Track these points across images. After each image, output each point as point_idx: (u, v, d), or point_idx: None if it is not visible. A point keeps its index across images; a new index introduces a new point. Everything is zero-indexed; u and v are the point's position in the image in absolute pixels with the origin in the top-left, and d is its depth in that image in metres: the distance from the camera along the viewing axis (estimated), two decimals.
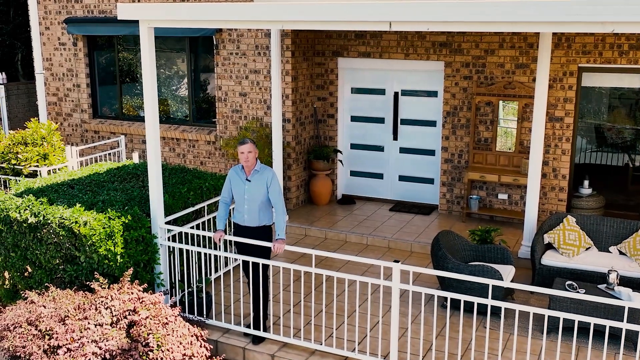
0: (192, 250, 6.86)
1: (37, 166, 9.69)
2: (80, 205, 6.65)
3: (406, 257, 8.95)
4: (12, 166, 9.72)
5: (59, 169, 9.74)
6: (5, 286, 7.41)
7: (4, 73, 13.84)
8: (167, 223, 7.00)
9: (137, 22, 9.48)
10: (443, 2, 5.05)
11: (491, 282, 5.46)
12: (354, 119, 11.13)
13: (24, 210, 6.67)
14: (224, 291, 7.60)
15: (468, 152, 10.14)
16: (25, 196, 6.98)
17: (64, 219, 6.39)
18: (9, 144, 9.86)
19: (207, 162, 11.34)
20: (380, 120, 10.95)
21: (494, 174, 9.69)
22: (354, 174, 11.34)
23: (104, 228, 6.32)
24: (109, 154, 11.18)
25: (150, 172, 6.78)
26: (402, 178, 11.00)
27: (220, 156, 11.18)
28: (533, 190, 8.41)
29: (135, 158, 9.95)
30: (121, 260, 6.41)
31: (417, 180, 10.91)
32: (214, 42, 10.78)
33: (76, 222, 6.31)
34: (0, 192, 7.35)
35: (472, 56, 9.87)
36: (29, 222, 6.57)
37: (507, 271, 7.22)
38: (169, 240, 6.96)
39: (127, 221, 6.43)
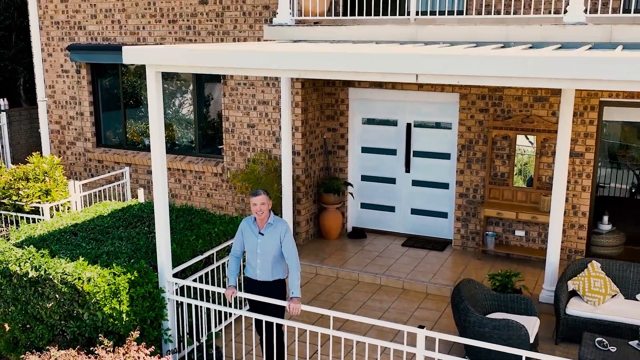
0: (201, 306, 6.50)
1: (39, 202, 9.35)
2: (83, 258, 6.31)
3: (422, 300, 8.59)
4: (13, 202, 9.38)
5: (61, 205, 9.40)
6: (5, 337, 7.06)
7: (5, 99, 13.53)
8: (175, 275, 6.65)
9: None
10: (475, 56, 4.72)
11: (523, 353, 5.10)
12: (365, 150, 10.79)
13: (24, 262, 6.34)
14: (235, 341, 7.24)
15: (484, 186, 9.79)
16: (26, 247, 6.64)
17: (66, 274, 6.05)
18: (10, 179, 9.52)
19: (214, 194, 11.00)
20: (392, 152, 10.61)
21: (512, 211, 9.34)
22: (364, 206, 11.00)
23: (108, 285, 5.98)
24: (114, 186, 10.84)
25: (158, 228, 6.43)
26: (414, 211, 10.65)
27: (227, 188, 10.84)
28: (555, 230, 8.05)
29: (141, 195, 9.61)
30: (127, 318, 6.06)
31: (429, 214, 10.55)
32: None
33: (79, 279, 5.97)
34: (0, 241, 7.01)
35: (489, 88, 9.54)
36: (29, 276, 6.23)
37: (532, 324, 6.86)
38: (176, 293, 6.62)
39: (133, 278, 6.09)
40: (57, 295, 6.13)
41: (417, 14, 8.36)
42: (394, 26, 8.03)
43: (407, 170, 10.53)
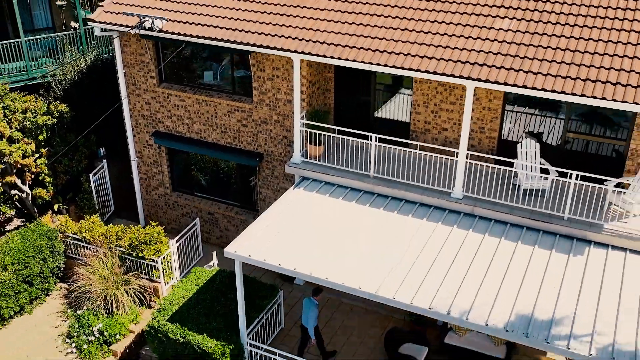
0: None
1: (154, 258, 15.95)
2: (205, 334, 13.19)
3: None
4: (137, 257, 16.00)
5: (167, 254, 16.02)
6: None
7: (103, 148, 19.47)
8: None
9: (212, 144, 15.70)
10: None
11: None
12: None
13: (177, 333, 13.19)
14: None
15: None
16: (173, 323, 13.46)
17: (199, 344, 12.96)
18: (134, 241, 16.00)
19: None
20: None
21: None
22: None
23: (221, 350, 12.91)
24: (188, 236, 17.26)
25: (240, 311, 13.18)
26: None
27: None
28: None
29: (214, 258, 16.27)
30: None
31: None
32: None
33: (206, 346, 12.88)
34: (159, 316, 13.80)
35: None
36: (180, 341, 13.12)
37: (423, 353, 13.83)
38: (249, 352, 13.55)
39: (232, 347, 13.00)
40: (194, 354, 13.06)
41: (375, 172, 14.43)
42: (359, 182, 14.19)
43: None
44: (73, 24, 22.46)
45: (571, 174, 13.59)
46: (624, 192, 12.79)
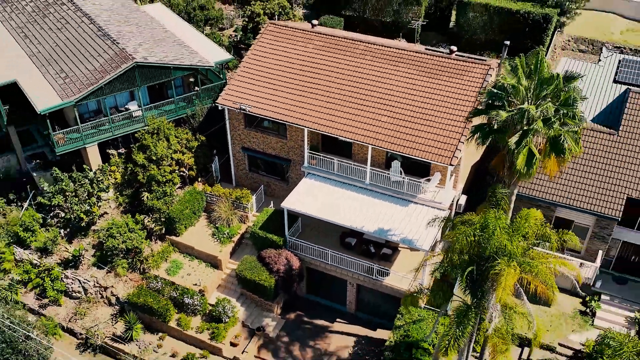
0: None
1: (245, 203, 38.10)
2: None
3: None
4: (239, 202, 38.21)
5: (250, 202, 38.25)
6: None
7: (215, 151, 41.23)
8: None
9: (268, 154, 38.33)
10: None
11: None
12: None
13: None
14: None
15: None
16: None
17: None
18: (236, 194, 38.12)
19: None
20: None
21: None
22: None
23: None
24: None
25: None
26: None
27: None
28: None
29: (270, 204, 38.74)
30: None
31: None
32: None
33: None
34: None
35: None
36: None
37: None
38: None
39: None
40: None
41: (339, 172, 36.34)
42: (334, 176, 36.19)
43: None
44: (196, 88, 43.22)
45: (404, 176, 35.42)
46: (426, 182, 34.61)
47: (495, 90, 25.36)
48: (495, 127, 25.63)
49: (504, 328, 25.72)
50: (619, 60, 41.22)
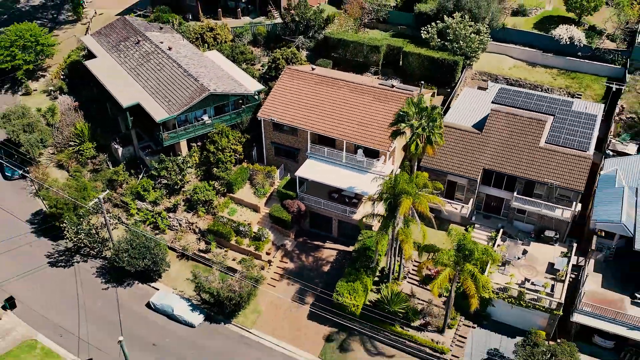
0: None
1: (272, 173, 65.21)
2: None
3: None
4: (268, 173, 65.51)
5: (276, 174, 65.49)
6: None
7: (255, 143, 67.71)
8: None
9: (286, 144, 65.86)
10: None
11: None
12: None
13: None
14: None
15: None
16: None
17: None
18: (267, 170, 65.33)
19: None
20: None
21: None
22: None
23: None
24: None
25: None
26: None
27: None
28: None
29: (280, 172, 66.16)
30: None
31: None
32: None
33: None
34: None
35: None
36: None
37: None
38: None
39: None
40: None
41: (328, 156, 63.42)
42: (326, 158, 63.34)
43: None
44: (243, 106, 69.97)
45: (365, 157, 62.34)
46: (376, 161, 61.50)
47: (400, 113, 52.55)
48: (402, 131, 52.86)
49: (406, 230, 52.87)
50: (499, 89, 68.41)
